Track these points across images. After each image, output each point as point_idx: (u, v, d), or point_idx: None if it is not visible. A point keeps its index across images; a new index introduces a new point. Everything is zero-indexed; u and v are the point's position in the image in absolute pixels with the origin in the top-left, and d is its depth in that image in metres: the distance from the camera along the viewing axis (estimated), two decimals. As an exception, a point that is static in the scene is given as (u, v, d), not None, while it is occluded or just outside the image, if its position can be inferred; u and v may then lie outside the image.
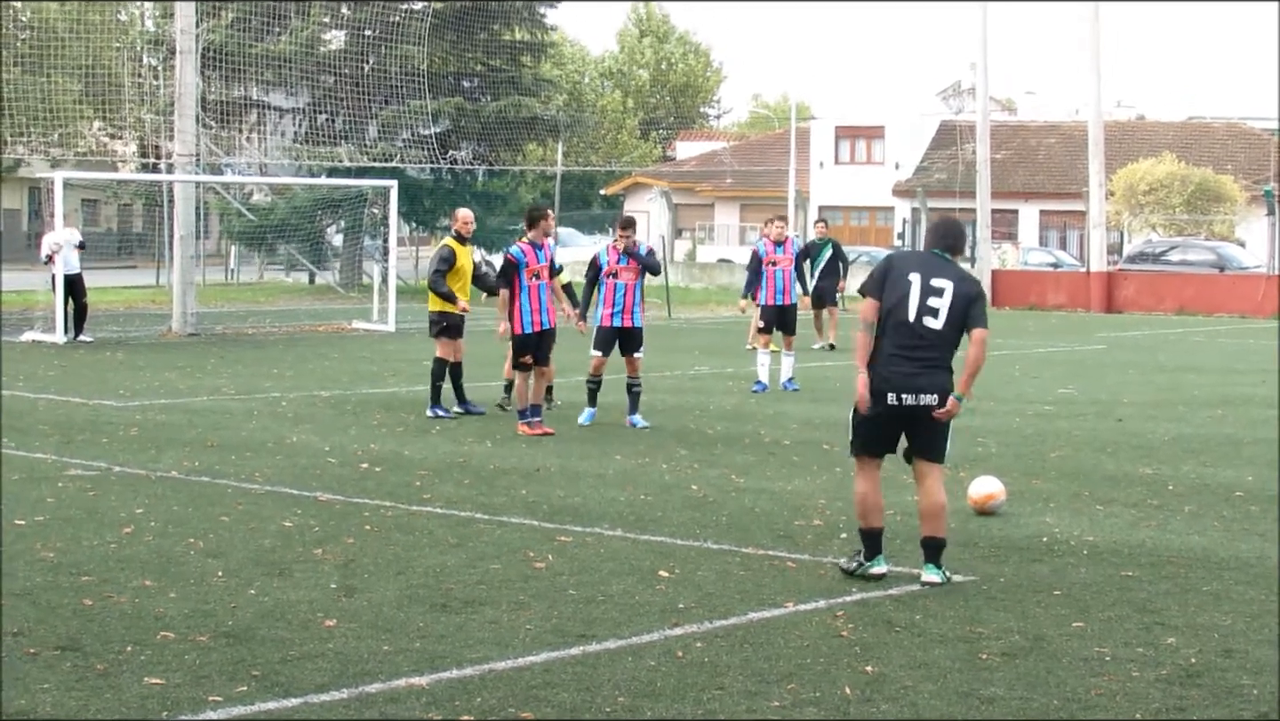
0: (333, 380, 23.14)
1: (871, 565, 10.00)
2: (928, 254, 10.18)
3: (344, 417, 18.52)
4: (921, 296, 9.91)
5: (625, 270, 17.80)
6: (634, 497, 13.14)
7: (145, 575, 9.88)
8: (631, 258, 17.74)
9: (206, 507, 12.40)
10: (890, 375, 9.91)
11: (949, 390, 9.93)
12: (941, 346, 9.92)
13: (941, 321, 9.89)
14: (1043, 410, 20.16)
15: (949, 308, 9.89)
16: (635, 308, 17.80)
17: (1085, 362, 28.45)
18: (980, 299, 10.04)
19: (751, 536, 11.45)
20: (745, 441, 16.83)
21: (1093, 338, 35.89)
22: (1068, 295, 49.29)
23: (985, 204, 51.15)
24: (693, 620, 8.95)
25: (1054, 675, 7.96)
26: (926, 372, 9.88)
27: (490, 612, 9.05)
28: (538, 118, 53.69)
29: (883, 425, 10.00)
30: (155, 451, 15.46)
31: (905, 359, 9.89)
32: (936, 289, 9.92)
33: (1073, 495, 13.56)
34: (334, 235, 55.40)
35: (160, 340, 31.49)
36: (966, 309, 9.93)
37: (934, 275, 9.96)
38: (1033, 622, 9.02)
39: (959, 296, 9.92)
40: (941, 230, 10.31)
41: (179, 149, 34.25)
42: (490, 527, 11.75)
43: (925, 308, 9.90)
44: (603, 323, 17.93)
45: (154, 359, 26.57)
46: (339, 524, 11.79)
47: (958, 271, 10.09)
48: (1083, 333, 37.85)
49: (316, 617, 8.86)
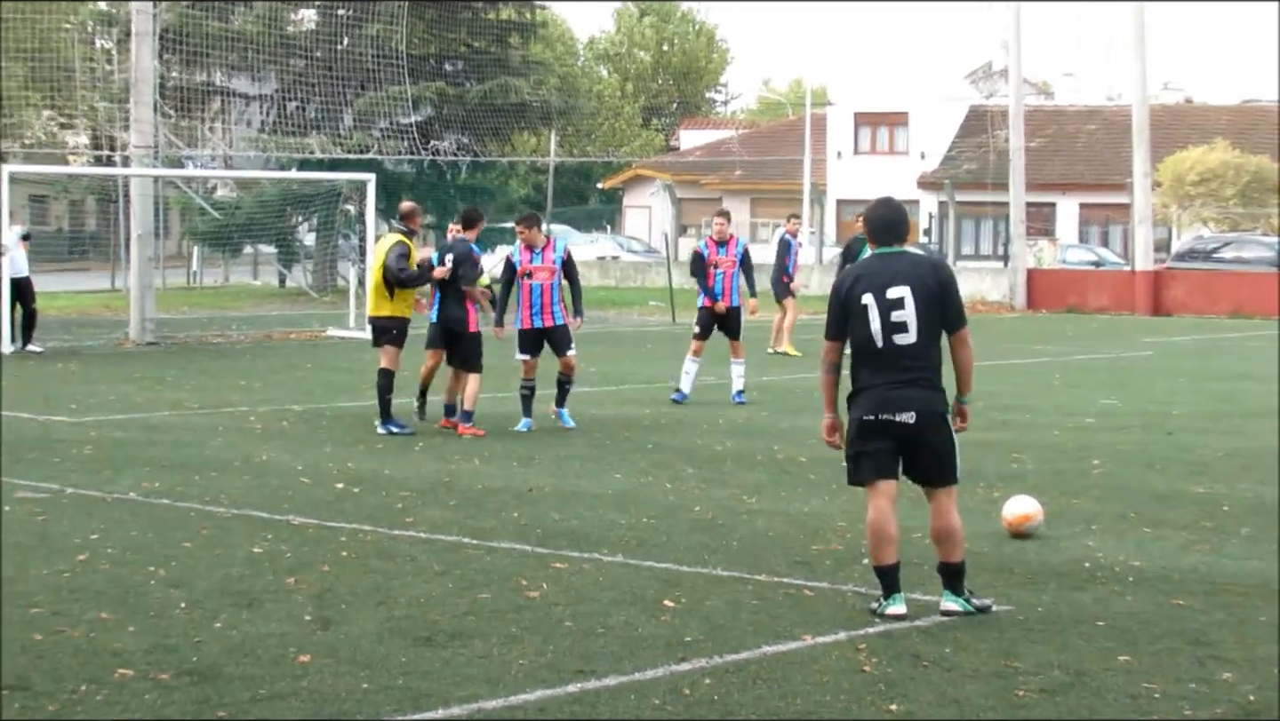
0: (306, 392, 23.15)
1: (888, 604, 9.82)
2: (872, 260, 9.93)
3: (318, 433, 18.53)
4: (883, 316, 9.70)
5: (540, 270, 18.79)
6: (636, 520, 13.15)
7: (101, 607, 9.89)
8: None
9: (168, 533, 12.40)
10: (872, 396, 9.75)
11: (934, 408, 9.75)
12: (922, 358, 9.72)
13: (914, 333, 9.70)
14: (1084, 423, 20.16)
15: (916, 316, 9.70)
16: (554, 306, 18.89)
17: (1131, 370, 28.46)
18: (948, 290, 9.81)
19: (764, 562, 11.46)
20: (757, 458, 16.84)
21: (1139, 343, 35.91)
22: (1111, 297, 49.31)
23: (1019, 197, 51.18)
24: (700, 654, 8.95)
25: (1098, 714, 7.96)
26: (904, 387, 9.70)
27: (479, 646, 9.05)
28: (527, 104, 53.74)
29: (882, 445, 9.79)
30: (111, 471, 15.47)
31: (884, 384, 9.72)
32: (895, 300, 9.70)
33: (1117, 516, 13.56)
34: (306, 234, 55.43)
35: (116, 349, 31.50)
36: (938, 310, 9.74)
37: (887, 285, 9.72)
38: (1074, 656, 9.02)
39: (923, 300, 9.71)
40: (878, 222, 9.99)
41: (135, 140, 34.27)
42: (479, 553, 11.75)
43: (890, 326, 9.70)
44: (522, 325, 18.92)
45: (109, 370, 26.59)
46: (313, 550, 11.79)
47: (911, 267, 9.82)
48: (1127, 338, 37.86)
49: (289, 653, 8.86)
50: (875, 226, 10.00)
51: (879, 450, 9.83)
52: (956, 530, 9.92)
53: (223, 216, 50.44)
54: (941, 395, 9.86)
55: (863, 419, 9.80)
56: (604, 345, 33.02)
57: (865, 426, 9.81)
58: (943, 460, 9.87)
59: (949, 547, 9.92)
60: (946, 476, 9.91)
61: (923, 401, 9.76)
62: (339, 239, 51.24)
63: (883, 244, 9.95)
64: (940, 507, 9.91)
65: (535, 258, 18.81)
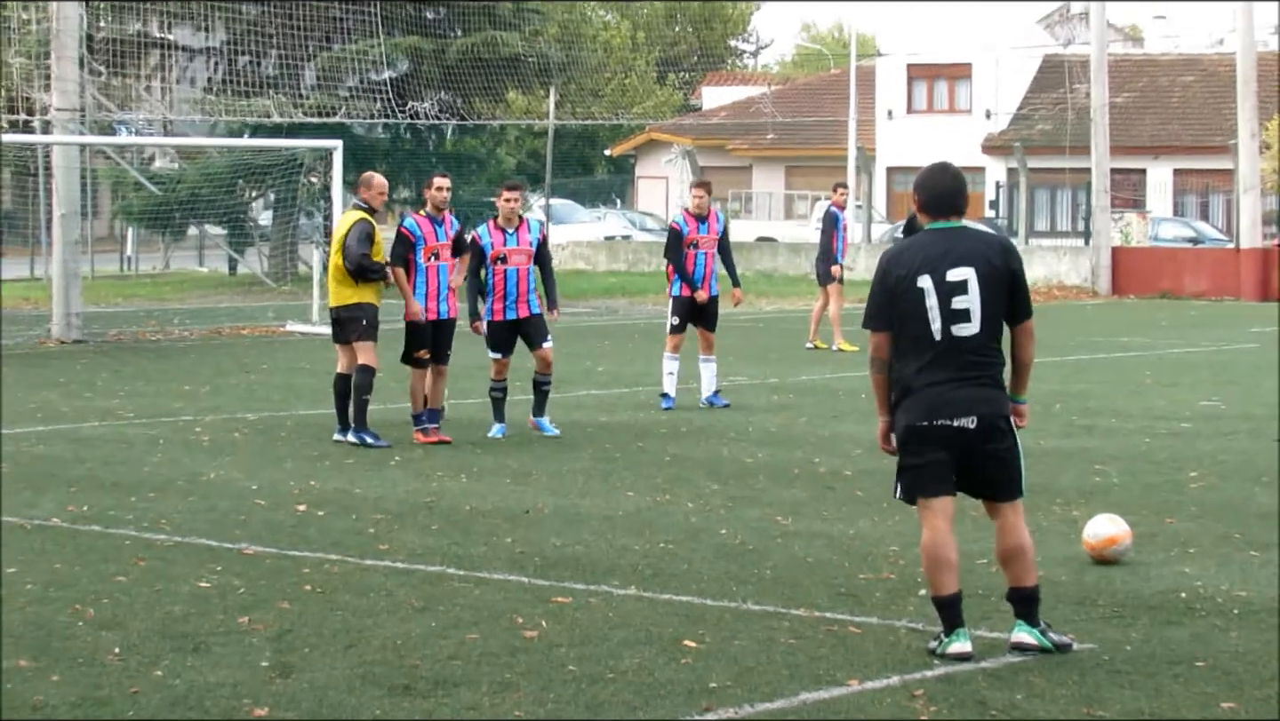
0: (261, 399, 23.18)
1: (951, 641, 9.84)
2: (929, 235, 9.99)
3: (276, 447, 18.55)
4: (942, 302, 9.76)
5: (516, 253, 18.97)
6: (651, 546, 13.16)
7: (19, 653, 9.90)
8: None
9: (99, 565, 12.42)
10: (927, 397, 9.79)
11: (999, 410, 9.82)
12: (985, 353, 9.81)
13: (977, 323, 9.77)
14: (1179, 428, 20.16)
15: (981, 303, 9.77)
16: (530, 294, 19.10)
17: (1235, 366, 28.44)
18: (1017, 272, 9.91)
19: (803, 594, 11.47)
20: (794, 471, 16.84)
21: (1244, 334, 35.87)
22: (1211, 279, 49.25)
23: (1103, 162, 51.12)
24: (728, 703, 8.96)
25: (1197, 770, 7.97)
26: (965, 386, 9.77)
27: (467, 696, 9.07)
28: (520, 58, 53.70)
29: (939, 456, 9.86)
30: (31, 493, 15.49)
31: (941, 382, 9.77)
32: (957, 284, 9.76)
33: (1219, 537, 13.55)
34: (261, 212, 55.45)
35: (36, 349, 31.54)
36: (1005, 298, 9.83)
37: (949, 265, 9.78)
38: (1169, 702, 9.03)
39: (989, 283, 9.78)
40: (932, 191, 10.04)
41: (57, 101, 34.29)
42: (466, 586, 11.77)
43: (951, 314, 9.76)
44: (494, 317, 19.08)
45: (28, 373, 26.63)
46: (271, 584, 11.81)
47: (975, 244, 9.90)
48: (1231, 327, 37.82)
49: (243, 705, 8.88)
50: (929, 197, 10.02)
51: (934, 461, 9.87)
52: (1028, 549, 9.96)
53: (162, 192, 50.46)
54: (1005, 396, 9.91)
55: (916, 424, 9.83)
56: (613, 340, 33.06)
57: (918, 433, 9.84)
58: (1009, 470, 9.92)
59: (1020, 570, 9.94)
60: (1014, 489, 9.95)
61: (987, 403, 9.81)
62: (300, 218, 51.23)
63: (939, 217, 9.98)
64: (1007, 524, 9.95)
65: (510, 239, 18.94)
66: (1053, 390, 23.51)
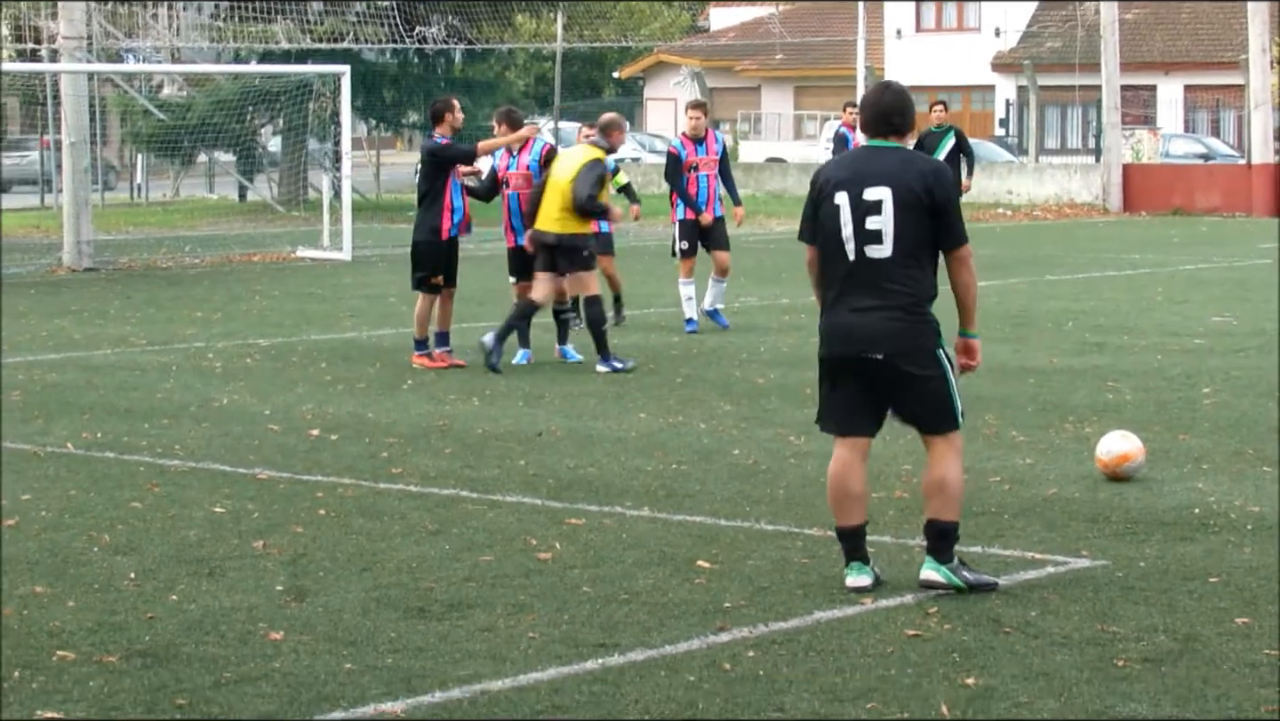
0: (273, 324, 23.17)
1: (849, 574, 9.63)
2: (859, 151, 9.83)
3: (289, 372, 18.56)
4: (856, 220, 9.46)
5: (516, 176, 19.25)
6: (664, 467, 13.17)
7: (35, 580, 9.93)
8: None
9: (113, 491, 12.44)
10: (835, 325, 9.57)
11: (913, 344, 9.45)
12: (899, 279, 9.44)
13: (889, 246, 9.43)
14: (1192, 345, 20.12)
15: (895, 223, 9.43)
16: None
17: (1247, 282, 28.37)
18: (941, 199, 9.49)
19: (816, 514, 11.45)
20: (806, 392, 16.77)
21: (1256, 250, 35.78)
22: (1223, 195, 49.12)
23: (1114, 79, 50.91)
24: (743, 622, 8.97)
25: (1211, 686, 7.97)
26: (874, 315, 9.43)
27: (482, 617, 9.08)
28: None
29: (851, 389, 9.61)
30: (44, 421, 15.51)
31: (852, 310, 9.49)
32: (873, 203, 9.44)
33: (1232, 453, 13.54)
34: (270, 138, 55.32)
35: (48, 277, 31.55)
36: (925, 223, 9.45)
37: (867, 184, 9.48)
38: (1183, 619, 9.03)
39: (905, 206, 9.42)
40: (870, 108, 9.77)
41: (64, 30, 34.19)
42: (480, 509, 11.78)
43: (864, 233, 9.44)
44: (508, 243, 19.43)
45: (40, 302, 26.63)
46: (284, 508, 11.83)
47: (899, 165, 9.54)
48: (1243, 243, 37.74)
49: (258, 629, 8.89)
50: (867, 115, 9.76)
51: (845, 394, 9.65)
52: (951, 484, 9.55)
53: (171, 119, 50.34)
54: (928, 327, 9.50)
55: (826, 357, 9.65)
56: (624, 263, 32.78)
57: (828, 365, 9.66)
58: (931, 403, 9.58)
59: (939, 503, 9.56)
60: (939, 422, 9.62)
61: (898, 336, 9.45)
62: (310, 143, 51.12)
63: (876, 136, 9.71)
64: (934, 457, 9.64)
65: (512, 163, 19.18)
66: (1064, 307, 23.48)
